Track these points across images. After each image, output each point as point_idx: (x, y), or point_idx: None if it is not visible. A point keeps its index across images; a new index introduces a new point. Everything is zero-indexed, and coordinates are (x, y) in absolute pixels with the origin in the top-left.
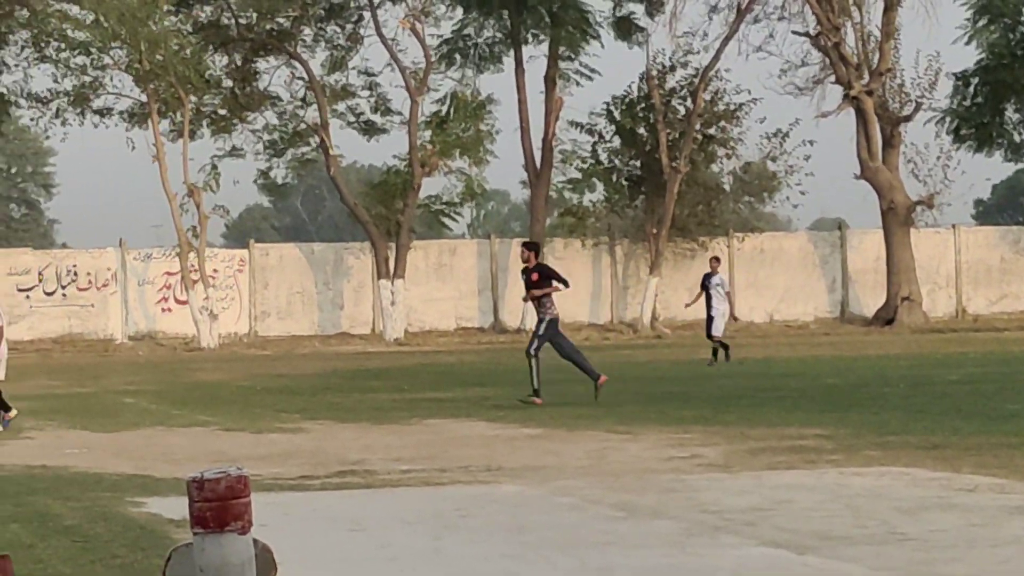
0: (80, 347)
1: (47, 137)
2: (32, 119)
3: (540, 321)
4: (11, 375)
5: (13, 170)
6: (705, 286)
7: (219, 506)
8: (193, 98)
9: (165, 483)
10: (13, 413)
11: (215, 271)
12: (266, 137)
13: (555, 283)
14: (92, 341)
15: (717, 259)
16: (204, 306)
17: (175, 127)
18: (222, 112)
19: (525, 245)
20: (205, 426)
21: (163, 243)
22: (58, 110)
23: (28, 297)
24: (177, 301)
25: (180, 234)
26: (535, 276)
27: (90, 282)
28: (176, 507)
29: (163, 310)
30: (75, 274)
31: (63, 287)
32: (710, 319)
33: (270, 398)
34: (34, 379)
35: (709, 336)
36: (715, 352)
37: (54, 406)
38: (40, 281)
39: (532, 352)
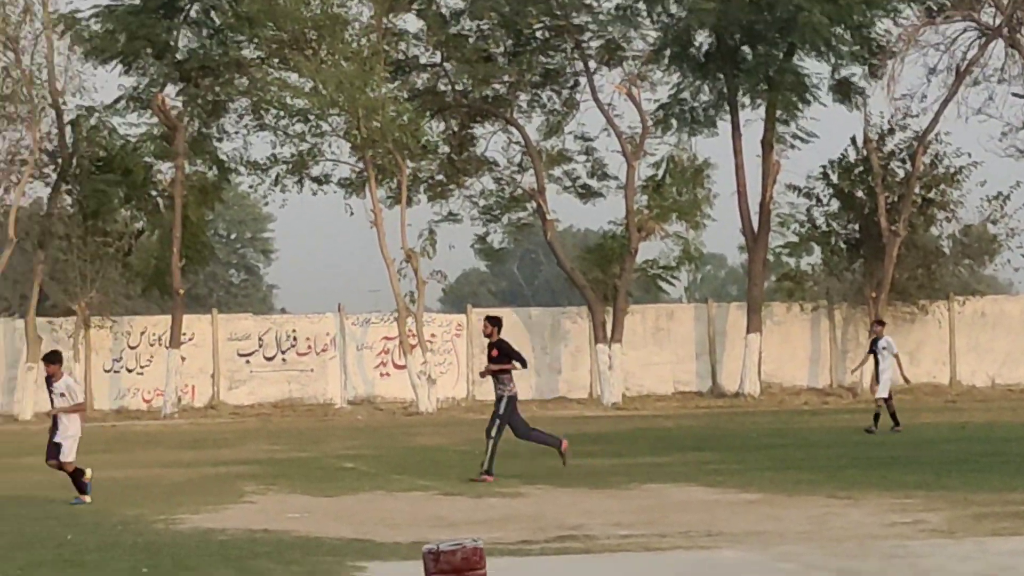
0: (300, 411)
1: (266, 203)
2: (251, 186)
3: (499, 399)
4: (232, 439)
5: (233, 236)
6: (873, 350)
7: None
8: (410, 164)
9: (385, 547)
10: (88, 474)
11: (433, 336)
12: (482, 202)
13: (514, 361)
14: (312, 406)
15: (881, 322)
16: (422, 371)
17: (392, 193)
18: (439, 178)
19: (488, 320)
20: (424, 490)
21: (381, 308)
22: (277, 177)
23: (248, 362)
24: (395, 366)
25: (398, 299)
26: (494, 352)
27: (309, 347)
28: (398, 572)
29: (382, 375)
30: (294, 339)
31: (283, 352)
32: (877, 381)
33: None
34: (255, 443)
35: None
36: (876, 417)
37: (275, 471)
38: (260, 346)
39: (492, 434)
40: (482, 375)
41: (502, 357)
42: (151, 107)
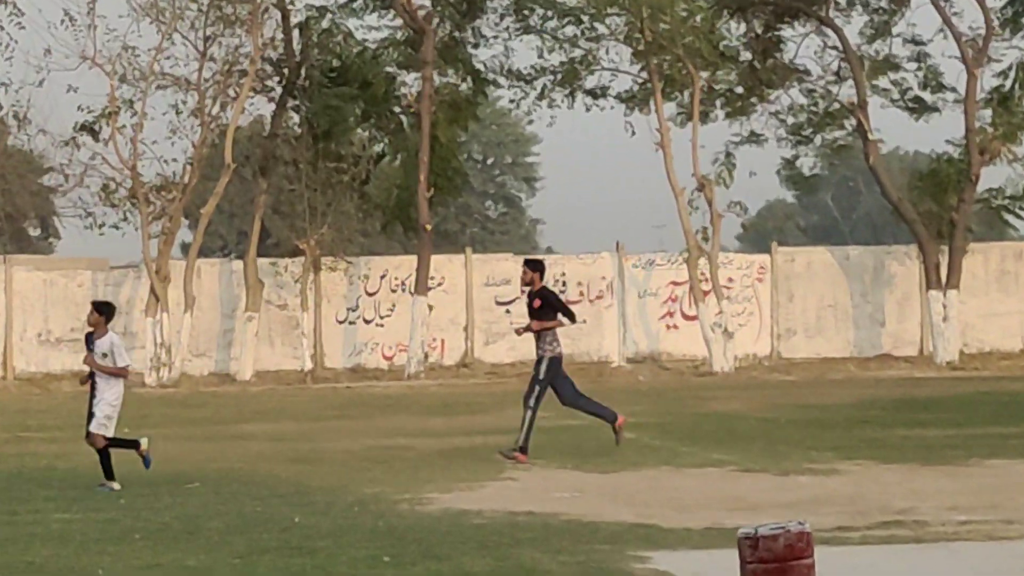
0: (570, 371)
1: (530, 122)
2: (513, 100)
3: (539, 361)
4: (488, 403)
5: (490, 161)
6: None
7: (777, 568)
8: (704, 74)
9: (674, 534)
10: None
11: (730, 280)
12: (791, 120)
13: (560, 316)
14: (584, 364)
15: None
16: (717, 322)
17: (683, 109)
18: (738, 90)
19: (527, 264)
20: (719, 466)
21: (667, 247)
22: (543, 90)
23: (508, 312)
24: (684, 317)
25: (688, 236)
26: (537, 303)
27: (581, 294)
28: (689, 563)
29: (668, 327)
30: (564, 284)
31: None
32: None
33: (797, 433)
34: (516, 409)
35: None
36: None
37: (539, 441)
38: (522, 293)
39: (531, 404)
40: (519, 332)
41: (546, 310)
42: (394, 7)
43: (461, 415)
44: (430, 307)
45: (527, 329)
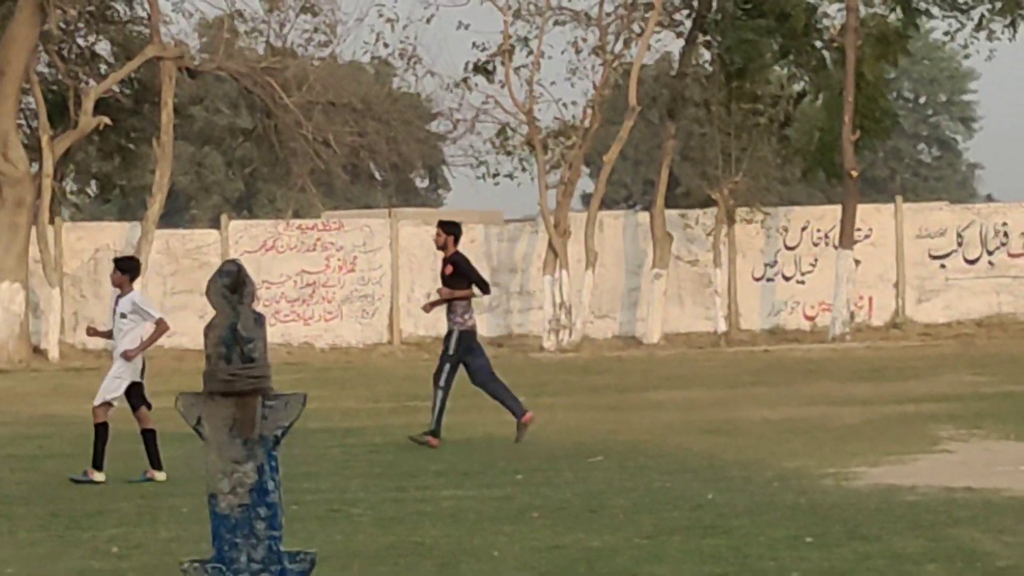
0: (1012, 331)
1: (966, 56)
2: (947, 33)
3: (449, 335)
4: (921, 368)
5: (922, 100)
6: None
7: None
8: None
9: None
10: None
11: None
12: None
13: (473, 287)
14: None
15: None
16: None
17: None
18: None
19: (441, 225)
20: None
21: None
22: (981, 20)
23: (943, 267)
24: None
25: None
26: (448, 269)
27: None
28: None
29: None
30: (1005, 235)
31: (989, 253)
32: None
33: None
34: (953, 373)
35: None
36: None
37: (980, 409)
38: (959, 245)
39: (441, 384)
40: (426, 310)
41: (458, 278)
42: None
43: (891, 381)
44: (856, 262)
45: (430, 305)
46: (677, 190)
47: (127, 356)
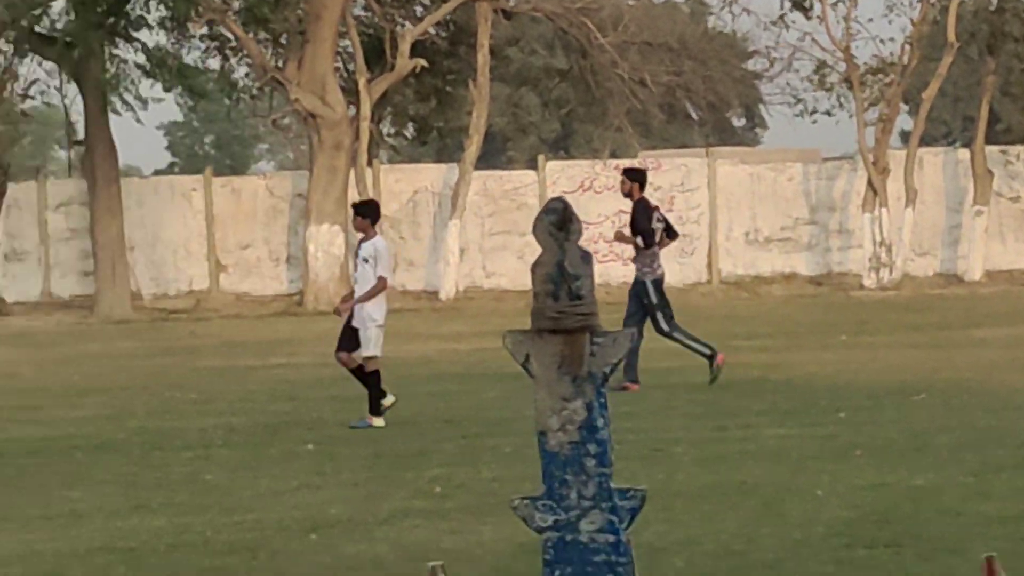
0: None
1: None
2: None
3: (638, 284)
4: None
5: None
6: None
7: None
8: None
9: None
10: (389, 400)
11: None
12: None
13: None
14: None
15: None
16: None
17: None
18: None
19: (625, 172)
20: None
21: None
22: None
23: None
24: None
25: None
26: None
27: None
28: None
29: None
30: None
31: None
32: None
33: None
34: None
35: None
36: None
37: None
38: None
39: (667, 331)
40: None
41: (634, 226)
42: None
43: None
44: None
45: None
46: (997, 127)
47: (338, 311)
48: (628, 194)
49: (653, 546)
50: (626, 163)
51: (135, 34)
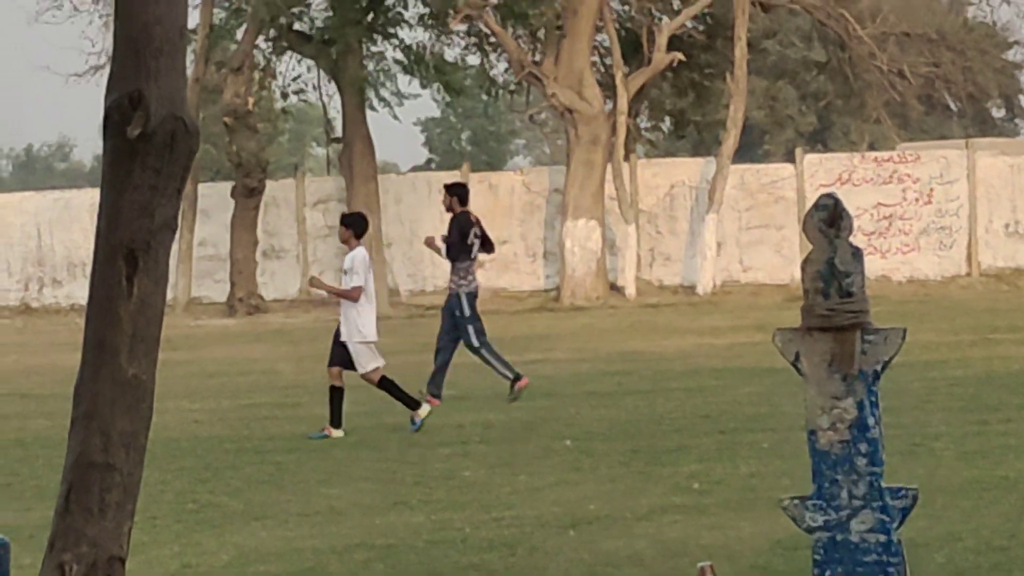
0: None
1: None
2: None
3: (456, 298)
4: None
5: None
6: None
7: None
8: None
9: None
10: (424, 411)
11: None
12: None
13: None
14: None
15: None
16: None
17: None
18: None
19: (446, 187)
20: None
21: None
22: None
23: None
24: None
25: None
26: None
27: None
28: None
29: None
30: None
31: None
32: None
33: None
34: None
35: None
36: None
37: None
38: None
39: (476, 346)
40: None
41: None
42: None
43: None
44: None
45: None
46: None
47: (312, 283)
48: (449, 208)
49: (914, 542)
50: (883, 155)
51: (393, 30)
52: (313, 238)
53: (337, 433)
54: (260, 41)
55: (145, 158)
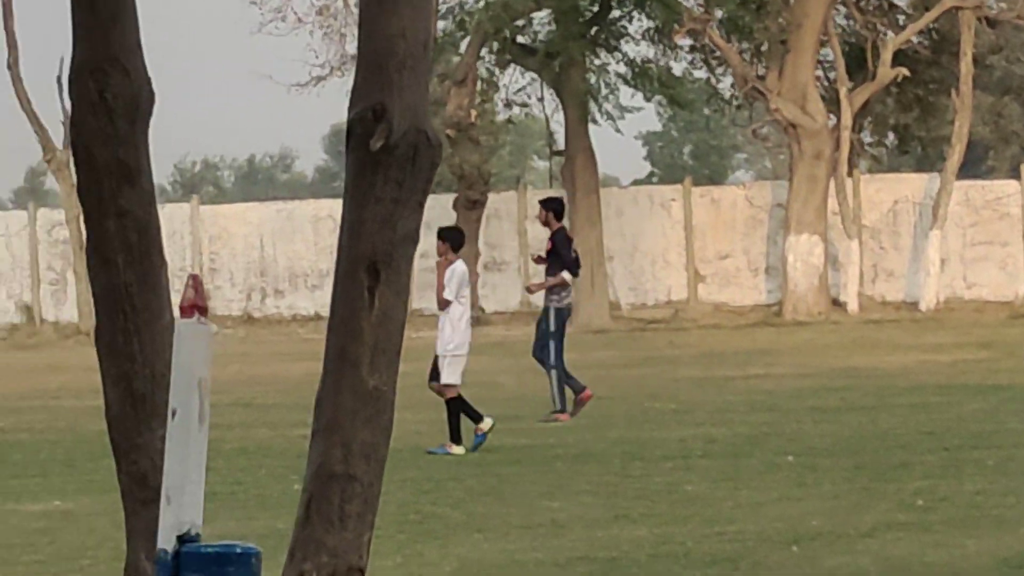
0: None
1: None
2: None
3: (546, 311)
4: None
5: None
6: None
7: None
8: None
9: None
10: (487, 424)
11: None
12: None
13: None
14: None
15: None
16: None
17: None
18: None
19: (542, 203)
20: None
21: None
22: None
23: None
24: None
25: None
26: (549, 246)
27: None
28: None
29: None
30: None
31: None
32: None
33: None
34: None
35: None
36: None
37: None
38: None
39: (552, 362)
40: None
41: (552, 257)
42: None
43: None
44: None
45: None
46: None
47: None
48: (545, 222)
49: None
50: None
51: (616, 44)
52: (535, 251)
53: (457, 450)
54: (483, 53)
55: (387, 171)
